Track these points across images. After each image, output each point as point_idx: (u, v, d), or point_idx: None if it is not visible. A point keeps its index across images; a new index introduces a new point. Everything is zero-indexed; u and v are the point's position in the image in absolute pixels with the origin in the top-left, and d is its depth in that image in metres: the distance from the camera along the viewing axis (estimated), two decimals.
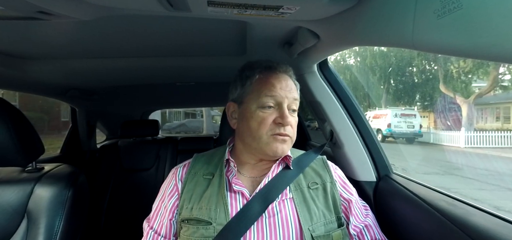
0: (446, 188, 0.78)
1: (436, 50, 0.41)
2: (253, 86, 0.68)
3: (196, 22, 0.78)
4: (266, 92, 0.66)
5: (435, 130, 12.10)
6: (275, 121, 0.65)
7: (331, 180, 0.72)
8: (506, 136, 9.74)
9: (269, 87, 0.66)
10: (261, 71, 0.69)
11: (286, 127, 0.66)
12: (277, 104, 0.66)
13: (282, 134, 0.65)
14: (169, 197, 0.70)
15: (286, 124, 0.65)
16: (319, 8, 0.59)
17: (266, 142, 0.65)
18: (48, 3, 0.56)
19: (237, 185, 0.67)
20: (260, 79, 0.68)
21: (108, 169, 1.77)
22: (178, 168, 0.74)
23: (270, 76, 0.68)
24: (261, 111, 0.66)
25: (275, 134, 0.65)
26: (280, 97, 0.66)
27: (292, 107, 0.69)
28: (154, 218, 0.71)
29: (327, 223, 0.66)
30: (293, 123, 0.68)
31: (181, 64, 1.19)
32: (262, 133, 0.65)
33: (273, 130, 0.65)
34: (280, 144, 0.66)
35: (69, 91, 1.55)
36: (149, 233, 0.69)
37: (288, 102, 0.67)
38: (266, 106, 0.66)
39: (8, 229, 0.73)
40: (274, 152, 0.66)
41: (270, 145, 0.65)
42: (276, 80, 0.67)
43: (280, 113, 0.65)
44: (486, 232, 0.55)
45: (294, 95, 0.69)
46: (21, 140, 0.74)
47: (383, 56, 15.93)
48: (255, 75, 0.69)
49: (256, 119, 0.66)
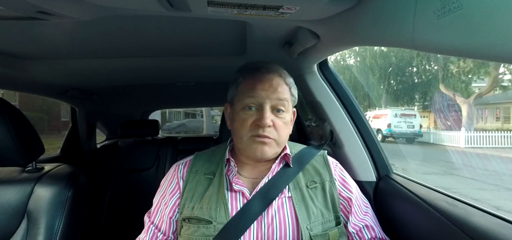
0: (446, 188, 0.78)
1: (436, 50, 0.41)
2: (239, 88, 0.69)
3: (196, 22, 0.78)
4: (248, 94, 0.67)
5: (435, 130, 12.10)
6: (255, 122, 0.65)
7: (331, 179, 0.72)
8: (506, 136, 9.74)
9: (250, 88, 0.67)
10: (247, 73, 0.70)
11: (266, 129, 0.64)
12: (258, 106, 0.66)
13: (261, 136, 0.64)
14: (171, 195, 0.70)
15: (264, 125, 0.63)
16: (319, 8, 0.59)
17: (247, 143, 0.66)
18: (48, 3, 0.56)
19: (237, 184, 0.67)
20: (244, 81, 0.69)
21: (108, 169, 1.77)
22: (179, 166, 0.74)
23: (254, 77, 0.68)
24: (243, 113, 0.67)
25: (254, 135, 0.65)
26: (261, 98, 0.65)
27: (277, 107, 0.66)
28: (155, 214, 0.72)
29: (325, 222, 0.66)
30: (278, 124, 0.66)
31: (181, 64, 1.19)
32: (243, 134, 0.66)
33: (253, 131, 0.65)
34: (260, 146, 0.65)
35: (69, 91, 1.55)
36: (150, 228, 0.70)
37: (272, 103, 0.66)
38: (247, 107, 0.66)
39: (8, 229, 0.73)
40: (253, 153, 0.66)
41: (250, 146, 0.66)
42: (258, 82, 0.67)
43: (260, 114, 0.65)
44: (486, 232, 0.55)
45: (280, 95, 0.67)
46: (21, 140, 0.74)
47: (383, 56, 15.92)
48: (242, 77, 0.70)
49: (239, 120, 0.67)
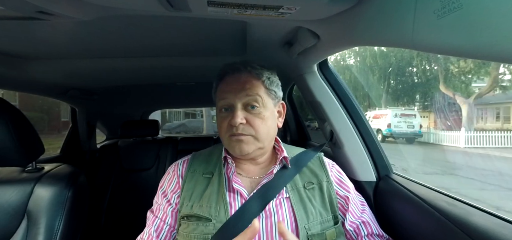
0: (446, 188, 0.78)
1: (436, 50, 0.41)
2: (216, 92, 0.73)
3: (196, 22, 0.78)
4: (220, 96, 0.71)
5: (435, 130, 12.09)
6: (229, 122, 0.67)
7: (328, 179, 0.73)
8: (506, 136, 9.74)
9: (221, 92, 0.71)
10: (219, 77, 0.73)
11: (238, 127, 0.66)
12: (229, 106, 0.69)
13: (235, 134, 0.67)
14: (171, 192, 0.71)
15: (234, 124, 0.66)
16: (319, 8, 0.59)
17: (227, 143, 0.70)
18: (48, 3, 0.56)
19: (236, 183, 0.68)
20: (218, 85, 0.73)
21: (108, 169, 1.77)
22: (178, 165, 0.75)
23: (224, 80, 0.71)
24: (220, 115, 0.71)
25: (230, 135, 0.68)
26: (230, 98, 0.68)
27: (250, 103, 0.68)
28: (158, 210, 0.72)
29: (324, 221, 0.67)
30: (253, 120, 0.67)
31: (181, 64, 1.19)
32: (223, 135, 0.70)
33: (229, 131, 0.68)
34: (237, 144, 0.67)
35: (69, 91, 1.55)
36: (155, 221, 0.70)
37: (242, 101, 0.67)
38: (222, 109, 0.70)
39: (8, 229, 0.73)
40: (233, 151, 0.69)
41: (229, 146, 0.69)
42: (225, 84, 0.70)
43: (231, 114, 0.67)
44: (486, 232, 0.55)
45: (249, 91, 0.67)
46: (21, 140, 0.74)
47: (383, 56, 15.92)
48: (216, 82, 0.74)
49: (218, 122, 0.72)
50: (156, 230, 0.69)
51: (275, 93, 0.72)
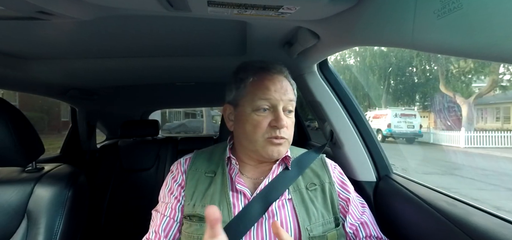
0: (446, 188, 0.78)
1: (436, 50, 0.41)
2: (247, 89, 0.67)
3: (196, 22, 0.78)
4: (261, 95, 0.65)
5: (435, 130, 12.10)
6: (270, 124, 0.65)
7: (330, 181, 0.72)
8: (506, 136, 9.74)
9: (263, 90, 0.65)
10: (255, 73, 0.68)
11: (282, 130, 0.65)
12: (272, 107, 0.66)
13: (278, 138, 0.65)
14: (179, 186, 0.70)
15: (281, 127, 0.64)
16: (319, 8, 0.59)
17: (262, 145, 0.65)
18: (48, 3, 0.56)
19: (239, 184, 0.67)
20: (254, 82, 0.67)
21: (108, 169, 1.77)
22: (181, 162, 0.74)
23: (264, 78, 0.67)
24: (256, 115, 0.65)
25: (271, 137, 0.65)
26: (275, 100, 0.65)
27: (288, 108, 0.68)
28: (164, 207, 0.69)
29: (325, 223, 0.66)
30: (289, 124, 0.68)
31: (181, 64, 1.19)
32: (258, 137, 0.65)
33: (269, 133, 0.65)
34: (276, 147, 0.65)
35: (69, 91, 1.55)
36: (163, 218, 0.67)
37: (284, 104, 0.66)
38: (261, 109, 0.65)
39: (8, 229, 0.73)
40: (270, 155, 0.66)
41: (266, 149, 0.65)
42: (270, 82, 0.66)
43: (275, 116, 0.65)
44: (486, 232, 0.55)
45: (290, 96, 0.68)
46: (21, 140, 0.74)
47: (383, 56, 15.93)
48: (249, 78, 0.68)
49: (252, 122, 0.65)
50: (165, 229, 0.66)
51: (296, 99, 0.73)
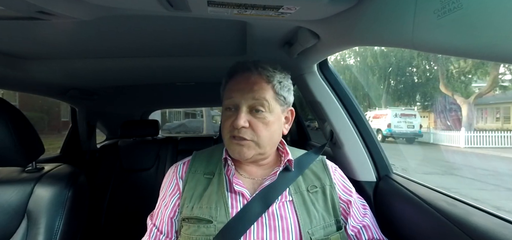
0: (446, 188, 0.78)
1: (436, 50, 0.41)
2: (225, 89, 0.71)
3: (196, 22, 0.78)
4: (227, 96, 0.68)
5: (435, 130, 12.09)
6: (231, 123, 0.65)
7: (331, 183, 0.72)
8: (506, 136, 9.74)
9: (228, 90, 0.69)
10: (228, 74, 0.71)
11: (240, 130, 0.63)
12: (235, 106, 0.66)
13: (236, 137, 0.65)
14: (171, 195, 0.70)
15: (236, 126, 0.63)
16: (319, 8, 0.59)
17: (228, 144, 0.68)
18: (48, 3, 0.56)
19: (238, 185, 0.67)
20: (226, 82, 0.71)
21: (108, 169, 1.77)
22: (178, 166, 0.74)
23: (232, 78, 0.70)
24: (224, 114, 0.69)
25: (231, 136, 0.66)
26: (236, 98, 0.66)
27: (255, 107, 0.64)
28: (156, 216, 0.71)
29: (326, 226, 0.66)
30: (256, 125, 0.64)
31: (181, 64, 1.19)
32: (224, 135, 0.68)
33: (231, 133, 0.66)
34: (237, 147, 0.66)
35: (69, 91, 1.55)
36: (152, 231, 0.70)
37: (248, 103, 0.64)
38: (227, 108, 0.68)
39: (8, 229, 0.73)
40: (232, 154, 0.67)
41: (230, 147, 0.67)
42: (235, 83, 0.68)
43: (236, 115, 0.65)
44: (486, 232, 0.55)
45: (256, 94, 0.64)
46: (21, 140, 0.74)
47: (383, 55, 15.92)
48: (225, 79, 0.72)
49: (222, 121, 0.69)
50: None
51: (284, 98, 0.69)
